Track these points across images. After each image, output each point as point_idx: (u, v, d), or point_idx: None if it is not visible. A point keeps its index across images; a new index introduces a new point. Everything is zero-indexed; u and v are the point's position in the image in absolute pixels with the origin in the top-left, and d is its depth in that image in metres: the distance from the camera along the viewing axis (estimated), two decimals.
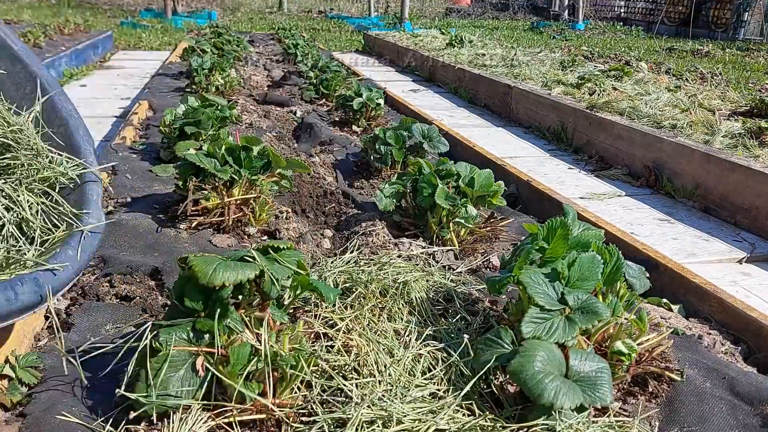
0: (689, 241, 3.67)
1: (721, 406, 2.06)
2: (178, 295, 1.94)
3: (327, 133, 5.50)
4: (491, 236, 3.41)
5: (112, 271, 2.77)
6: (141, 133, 5.30)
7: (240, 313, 1.97)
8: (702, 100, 5.67)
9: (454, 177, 3.35)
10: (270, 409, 1.88)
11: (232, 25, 17.18)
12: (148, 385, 1.77)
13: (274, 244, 2.06)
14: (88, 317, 2.46)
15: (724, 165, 4.04)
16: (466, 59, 8.96)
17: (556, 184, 4.54)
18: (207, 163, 3.18)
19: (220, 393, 1.89)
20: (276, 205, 3.59)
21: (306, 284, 2.05)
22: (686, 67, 9.48)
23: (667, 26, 19.98)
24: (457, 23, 20.75)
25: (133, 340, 2.33)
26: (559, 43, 14.38)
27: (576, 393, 1.78)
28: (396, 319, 2.42)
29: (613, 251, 2.21)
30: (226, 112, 4.60)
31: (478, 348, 2.05)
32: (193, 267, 1.83)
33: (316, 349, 2.17)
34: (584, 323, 1.97)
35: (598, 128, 5.29)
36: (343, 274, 2.77)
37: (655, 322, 2.54)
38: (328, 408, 1.90)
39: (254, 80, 8.28)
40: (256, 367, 1.84)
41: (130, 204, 3.59)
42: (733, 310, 2.72)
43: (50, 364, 2.14)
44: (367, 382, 1.99)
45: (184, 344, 1.85)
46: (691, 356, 2.33)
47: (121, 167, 4.20)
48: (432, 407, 1.89)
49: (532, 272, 2.09)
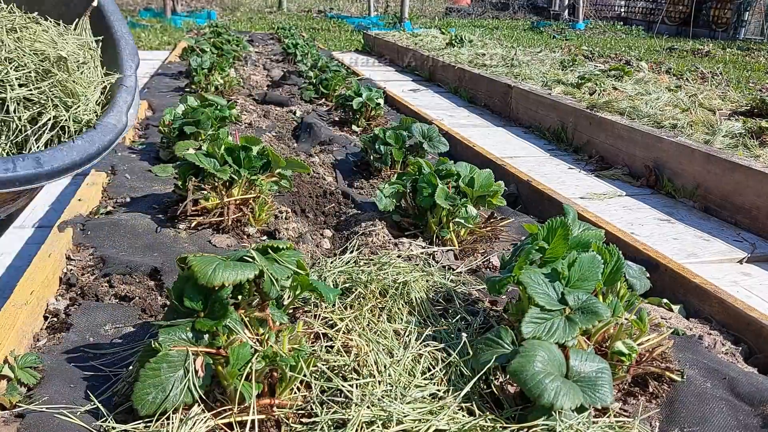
0: (690, 241, 3.67)
1: (722, 407, 2.06)
2: (177, 296, 1.94)
3: (327, 132, 5.50)
4: (491, 236, 3.41)
5: (112, 271, 2.77)
6: (140, 133, 5.31)
7: (239, 313, 1.97)
8: (702, 100, 5.68)
9: (454, 177, 3.36)
10: (270, 409, 1.88)
11: (232, 24, 17.18)
12: (148, 386, 1.78)
13: (274, 244, 2.06)
14: (87, 317, 2.46)
15: (725, 165, 4.04)
16: (466, 59, 8.96)
17: (556, 184, 4.55)
18: (206, 163, 3.18)
19: (219, 393, 1.89)
20: (275, 205, 3.59)
21: (306, 284, 2.05)
22: (687, 67, 9.49)
23: (668, 26, 19.98)
24: (457, 23, 20.75)
25: (133, 340, 2.34)
26: (559, 43, 14.38)
27: (576, 393, 1.78)
28: (396, 320, 2.43)
29: (614, 251, 2.21)
30: (226, 111, 4.60)
31: (478, 348, 2.05)
32: (193, 267, 1.83)
33: (316, 349, 2.17)
34: (584, 323, 1.97)
35: (599, 128, 5.29)
36: (343, 275, 2.77)
37: (656, 322, 2.54)
38: (328, 408, 1.90)
39: (254, 80, 8.28)
40: (256, 368, 1.84)
41: (129, 204, 3.59)
42: (734, 311, 2.72)
43: (49, 364, 2.14)
44: (367, 383, 1.99)
45: (184, 344, 1.85)
46: (691, 356, 2.33)
47: (120, 167, 4.21)
48: (432, 407, 1.89)
49: (533, 272, 2.10)
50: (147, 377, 1.78)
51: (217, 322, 1.86)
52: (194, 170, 3.28)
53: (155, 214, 3.36)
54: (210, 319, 1.88)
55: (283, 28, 14.24)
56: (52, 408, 1.90)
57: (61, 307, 2.55)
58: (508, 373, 1.88)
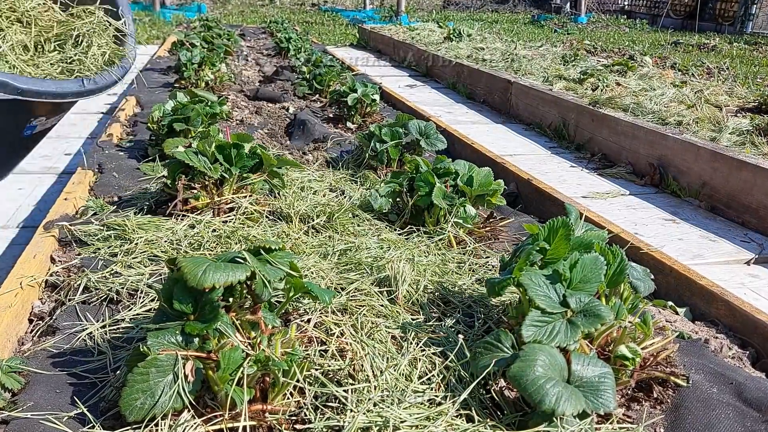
0: (695, 241, 3.68)
1: (729, 413, 2.06)
2: (166, 298, 1.93)
3: (321, 130, 5.50)
4: (491, 236, 3.41)
5: (99, 272, 2.77)
6: (128, 130, 5.30)
7: (231, 316, 1.97)
8: (708, 96, 5.69)
9: (452, 175, 3.36)
10: (262, 415, 1.88)
11: (223, 18, 17.18)
12: (136, 391, 1.77)
13: (266, 245, 2.06)
14: (74, 321, 2.45)
15: (732, 163, 4.05)
16: (464, 53, 8.97)
17: (557, 182, 4.55)
18: (196, 161, 3.18)
19: (210, 399, 1.89)
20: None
21: (299, 286, 2.05)
22: (692, 62, 9.50)
23: (673, 19, 20.02)
24: (455, 16, 20.76)
25: (121, 344, 2.33)
26: (560, 37, 14.39)
27: (578, 399, 1.78)
28: (393, 322, 2.42)
29: (617, 252, 2.21)
30: (216, 108, 4.60)
31: (477, 352, 2.05)
32: (182, 268, 1.83)
33: (310, 353, 2.17)
34: (587, 327, 1.97)
35: (601, 125, 5.30)
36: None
37: (660, 325, 2.54)
38: (322, 414, 1.90)
39: (245, 75, 8.28)
40: (248, 372, 1.84)
41: (117, 203, 3.58)
42: (741, 313, 2.73)
43: (34, 368, 2.14)
44: (363, 388, 1.99)
45: (173, 348, 1.84)
46: (697, 361, 2.33)
47: (108, 165, 4.20)
48: (430, 413, 1.89)
49: (533, 274, 2.10)
50: (135, 382, 1.78)
51: (207, 325, 1.86)
52: (184, 168, 3.28)
53: (144, 214, 3.36)
54: (200, 322, 1.87)
55: (275, 21, 14.25)
56: (37, 414, 1.90)
57: (46, 310, 2.55)
58: (508, 378, 1.88)
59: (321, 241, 3.14)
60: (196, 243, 3.03)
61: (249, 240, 3.06)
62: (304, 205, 3.47)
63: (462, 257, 3.09)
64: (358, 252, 2.99)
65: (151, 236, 3.05)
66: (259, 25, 16.03)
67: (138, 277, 2.74)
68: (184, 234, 3.09)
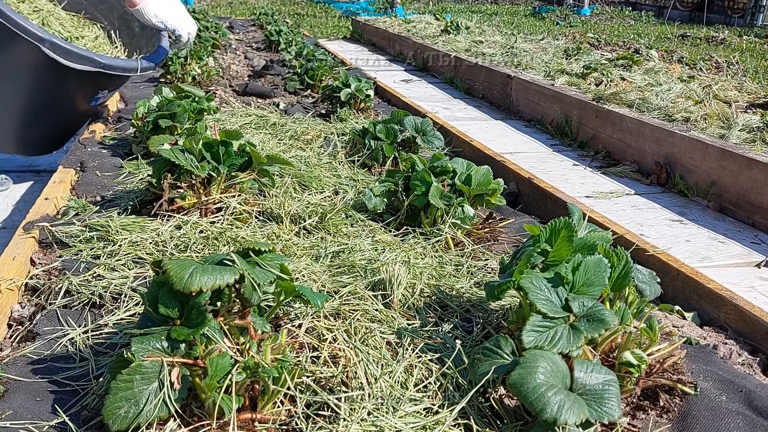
0: (703, 243, 3.69)
1: (738, 422, 2.07)
2: (151, 302, 1.93)
3: None
4: (490, 238, 3.41)
5: (81, 276, 2.76)
6: (112, 127, 5.29)
7: (219, 321, 1.97)
8: (717, 92, 5.70)
9: (449, 174, 3.36)
10: (251, 424, 1.88)
11: (210, 9, 17.16)
12: (119, 399, 1.77)
13: (256, 247, 2.06)
14: (55, 326, 2.45)
15: (742, 161, 4.06)
16: (462, 47, 8.98)
17: (559, 181, 4.56)
18: (183, 159, 3.18)
19: (197, 407, 1.89)
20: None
21: (290, 290, 2.05)
22: (700, 56, 9.52)
23: (680, 11, 20.06)
24: (452, 8, 20.76)
25: (104, 350, 2.33)
26: (563, 30, 14.41)
27: (581, 407, 1.79)
28: (387, 327, 2.43)
29: (622, 254, 2.21)
30: (204, 103, 4.59)
31: (476, 358, 2.05)
32: (168, 271, 1.83)
33: (301, 360, 2.17)
34: (590, 332, 1.98)
35: (605, 121, 5.31)
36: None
37: (667, 330, 2.54)
38: (314, 423, 1.90)
39: (234, 69, 8.27)
40: (236, 380, 1.84)
41: (100, 203, 3.58)
42: (752, 318, 2.73)
43: (14, 375, 2.14)
44: (356, 396, 1.99)
45: (159, 354, 1.84)
46: (705, 368, 2.34)
47: (90, 163, 4.20)
48: (426, 422, 1.89)
49: (534, 277, 2.10)
50: (119, 390, 1.78)
51: (194, 330, 1.86)
52: (170, 167, 3.27)
53: (128, 214, 3.35)
54: (187, 328, 1.87)
55: (265, 13, 14.22)
56: (17, 423, 1.90)
57: (26, 315, 2.55)
58: (507, 386, 1.88)
59: (313, 243, 3.14)
60: (183, 245, 3.03)
61: (238, 241, 3.06)
62: (295, 204, 3.48)
63: (460, 259, 3.10)
64: (351, 254, 3.00)
65: (135, 237, 3.06)
66: (249, 18, 16.02)
67: (122, 280, 2.74)
68: (169, 235, 3.09)
